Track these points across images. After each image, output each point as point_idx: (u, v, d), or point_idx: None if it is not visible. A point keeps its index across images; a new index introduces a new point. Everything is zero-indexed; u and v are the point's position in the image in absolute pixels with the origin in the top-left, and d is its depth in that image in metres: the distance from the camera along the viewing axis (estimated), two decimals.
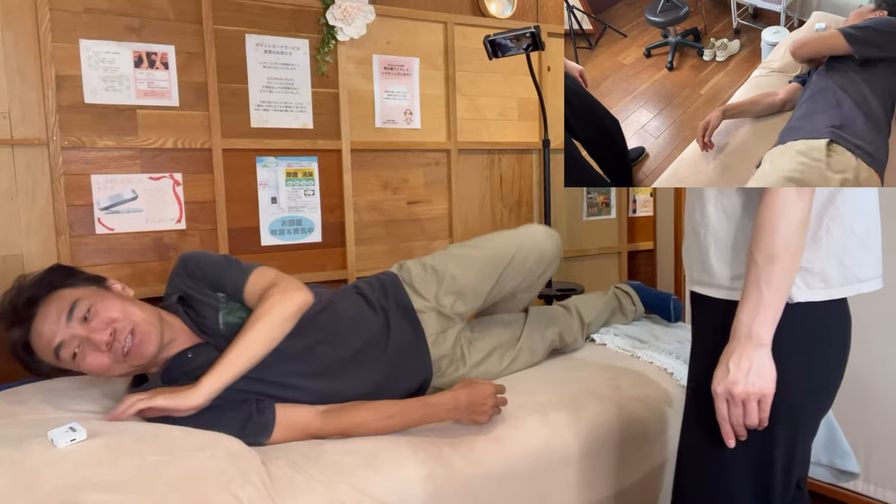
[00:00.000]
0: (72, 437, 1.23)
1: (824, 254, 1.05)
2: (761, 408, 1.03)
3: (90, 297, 1.38)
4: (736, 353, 1.02)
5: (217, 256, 1.61)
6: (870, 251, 1.09)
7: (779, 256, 0.99)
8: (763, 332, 1.01)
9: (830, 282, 1.05)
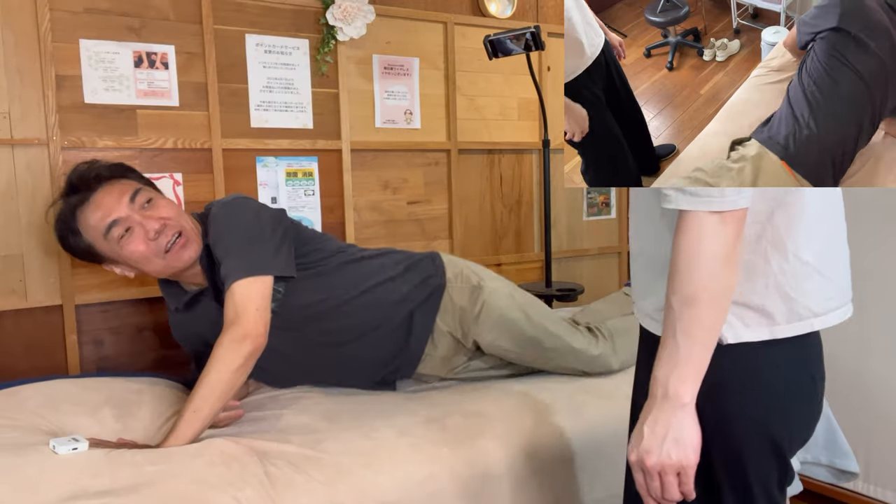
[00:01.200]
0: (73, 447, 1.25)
1: (762, 285, 0.87)
2: (682, 480, 0.86)
3: (153, 192, 1.56)
4: (651, 416, 0.86)
5: (244, 228, 1.54)
6: (827, 279, 0.90)
7: (696, 300, 0.80)
8: (682, 390, 0.83)
9: (775, 318, 0.87)
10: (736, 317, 0.87)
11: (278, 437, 1.45)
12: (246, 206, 1.58)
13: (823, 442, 1.89)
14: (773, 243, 0.87)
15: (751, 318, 0.87)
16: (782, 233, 0.87)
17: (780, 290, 0.87)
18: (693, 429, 0.85)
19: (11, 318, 1.90)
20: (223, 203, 1.59)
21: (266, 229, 1.55)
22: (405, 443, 1.43)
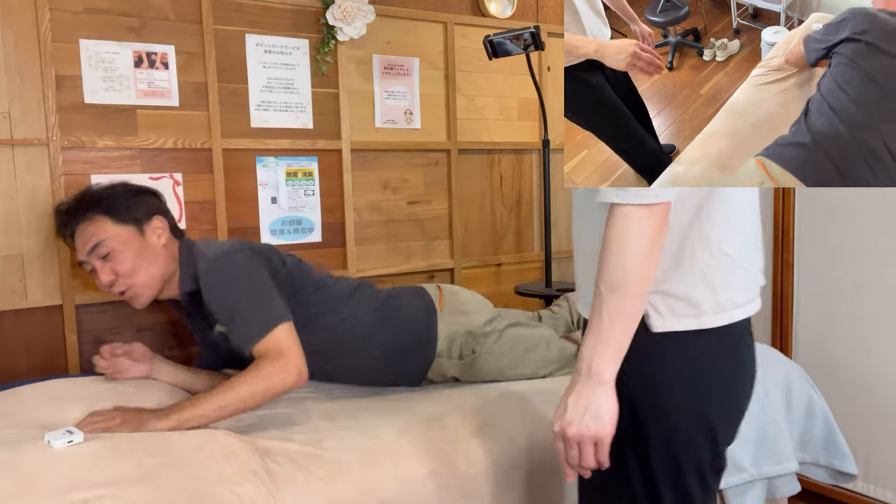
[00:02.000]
0: (68, 440, 1.24)
1: (690, 278, 0.93)
2: (598, 450, 0.92)
3: (115, 241, 1.59)
4: (575, 391, 0.92)
5: (243, 287, 1.51)
6: (748, 272, 0.97)
7: (619, 287, 0.87)
8: (603, 368, 0.89)
9: (702, 308, 0.93)
10: (665, 306, 0.93)
11: (279, 435, 1.45)
12: (235, 264, 1.55)
13: (822, 443, 1.89)
14: (700, 238, 0.93)
15: (679, 307, 0.93)
16: (708, 228, 0.93)
17: (706, 282, 0.93)
18: (610, 404, 0.91)
19: (11, 318, 1.90)
20: (213, 259, 1.56)
21: (264, 279, 1.55)
22: (405, 441, 1.43)
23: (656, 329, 0.93)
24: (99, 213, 1.60)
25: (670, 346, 0.94)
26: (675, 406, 0.95)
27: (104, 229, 1.59)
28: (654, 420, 0.95)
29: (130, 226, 1.61)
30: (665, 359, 0.94)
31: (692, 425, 0.95)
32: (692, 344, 0.94)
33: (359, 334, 1.72)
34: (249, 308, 1.49)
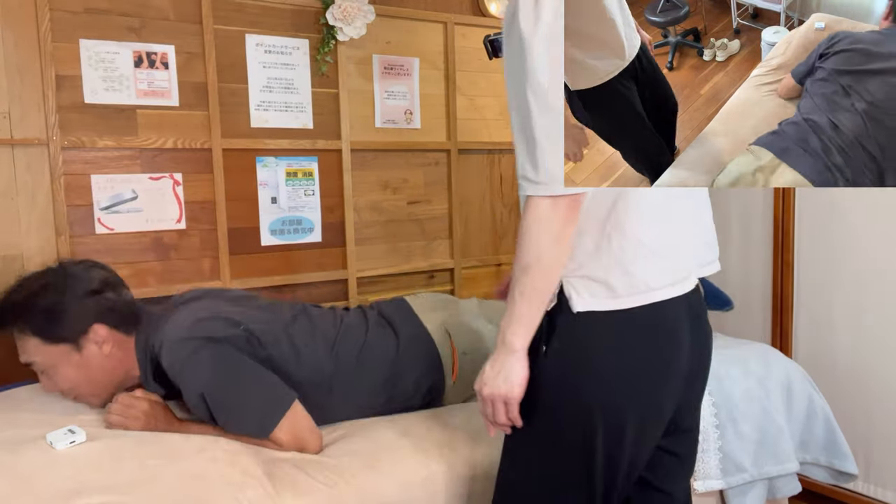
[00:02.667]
0: (71, 440, 1.23)
1: (606, 263, 1.02)
2: (508, 409, 1.05)
3: (49, 361, 1.38)
4: (493, 357, 1.04)
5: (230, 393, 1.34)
6: (663, 258, 1.04)
7: (530, 268, 0.98)
8: (514, 340, 1.01)
9: (616, 291, 1.01)
10: (585, 289, 1.02)
11: None
12: (198, 357, 1.36)
13: (823, 443, 1.89)
14: (616, 226, 1.02)
15: (598, 290, 1.02)
16: (623, 218, 1.02)
17: (620, 266, 1.01)
18: (520, 370, 1.02)
19: None
20: (180, 359, 1.36)
21: (247, 368, 1.38)
22: (407, 443, 1.43)
23: (577, 309, 1.02)
24: (27, 331, 1.37)
25: (590, 324, 1.02)
26: (590, 378, 1.04)
27: (34, 348, 1.38)
28: (570, 390, 1.05)
29: (63, 344, 1.38)
30: (585, 336, 1.03)
31: (603, 398, 1.04)
32: (609, 323, 1.02)
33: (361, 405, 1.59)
34: (242, 415, 1.33)
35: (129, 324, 1.44)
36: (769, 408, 1.81)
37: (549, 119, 0.93)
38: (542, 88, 0.92)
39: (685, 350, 1.08)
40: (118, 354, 1.42)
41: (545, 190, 0.95)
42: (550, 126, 0.93)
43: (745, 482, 1.78)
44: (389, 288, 2.49)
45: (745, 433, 1.78)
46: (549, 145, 0.93)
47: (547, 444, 1.07)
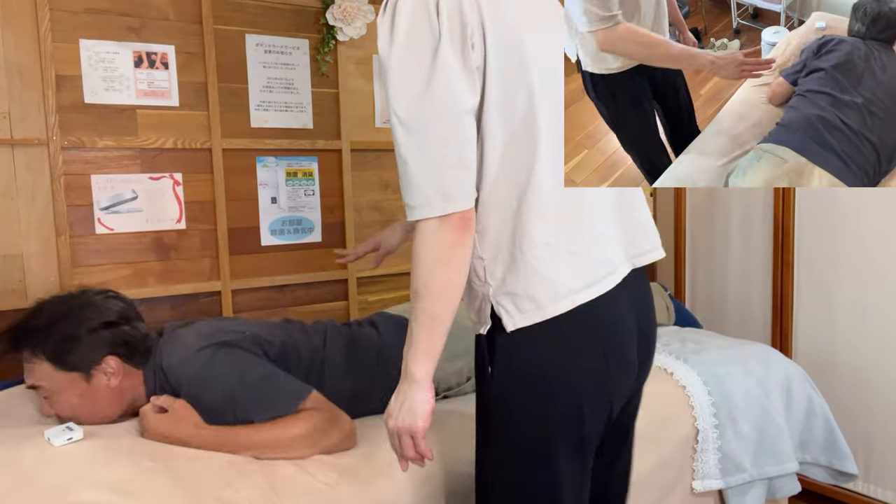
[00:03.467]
0: (68, 437, 1.24)
1: (524, 274, 0.98)
2: (416, 442, 1.01)
3: (55, 387, 1.38)
4: (398, 388, 1.01)
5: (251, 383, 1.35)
6: (580, 257, 1.00)
7: (420, 294, 0.94)
8: (415, 369, 0.97)
9: (540, 301, 0.97)
10: (513, 306, 0.98)
11: None
12: (215, 360, 1.38)
13: (822, 443, 1.89)
14: (523, 234, 0.97)
15: (524, 304, 0.98)
16: (528, 225, 0.97)
17: (538, 275, 0.97)
18: (423, 401, 0.98)
19: (11, 318, 1.89)
20: (196, 369, 1.37)
21: (263, 364, 1.40)
22: None
23: (509, 328, 0.98)
24: (40, 357, 1.38)
25: (526, 340, 0.99)
26: (540, 390, 1.00)
27: (44, 373, 1.38)
28: (523, 407, 1.02)
29: (74, 372, 1.37)
30: (525, 351, 0.99)
31: (557, 405, 1.01)
32: (543, 334, 0.98)
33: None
34: (267, 399, 1.34)
35: (140, 357, 1.44)
36: (769, 408, 1.81)
37: (415, 138, 0.91)
38: (403, 108, 0.91)
39: (632, 340, 1.07)
40: (126, 386, 1.42)
41: (423, 212, 0.92)
42: (418, 145, 0.91)
43: (744, 482, 1.78)
44: (389, 288, 2.49)
45: (745, 433, 1.78)
46: (418, 167, 0.91)
47: (512, 453, 1.05)
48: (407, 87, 0.91)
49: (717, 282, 2.59)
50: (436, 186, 0.91)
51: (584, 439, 1.05)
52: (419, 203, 0.92)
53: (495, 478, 1.08)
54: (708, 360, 1.86)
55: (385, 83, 0.93)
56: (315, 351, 1.57)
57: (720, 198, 2.54)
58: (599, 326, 1.02)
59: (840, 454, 1.88)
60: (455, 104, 0.92)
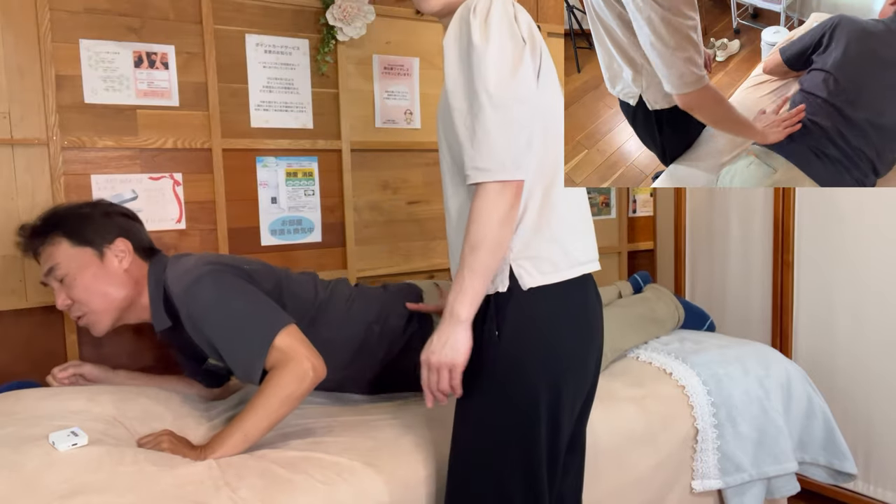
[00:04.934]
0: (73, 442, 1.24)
1: (547, 242, 1.16)
2: (452, 376, 1.14)
3: (72, 265, 1.52)
4: (440, 328, 1.13)
5: (228, 314, 1.42)
6: (585, 236, 1.23)
7: (479, 246, 1.09)
8: (461, 311, 1.11)
9: (558, 265, 1.16)
10: (532, 266, 1.15)
11: (277, 437, 1.45)
12: (210, 288, 1.45)
13: (822, 443, 1.89)
14: (552, 210, 1.16)
15: (543, 266, 1.15)
16: (556, 202, 1.17)
17: (559, 244, 1.16)
18: (465, 340, 1.12)
19: (11, 318, 1.91)
20: (185, 291, 1.46)
21: (245, 291, 1.47)
22: (406, 442, 1.43)
23: (528, 285, 1.14)
24: (58, 235, 1.53)
25: (537, 300, 1.15)
26: (538, 352, 1.15)
27: (61, 252, 1.52)
28: (519, 368, 1.15)
29: (88, 248, 1.53)
30: (534, 312, 1.15)
31: (548, 369, 1.16)
32: (553, 295, 1.16)
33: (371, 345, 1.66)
34: (238, 336, 1.40)
35: (147, 250, 1.62)
36: (768, 408, 1.81)
37: (501, 114, 1.07)
38: (494, 86, 1.07)
39: (600, 324, 1.26)
40: (134, 273, 1.56)
41: (493, 175, 1.07)
42: (503, 120, 1.07)
43: (743, 482, 1.78)
44: None
45: (744, 433, 1.78)
46: (499, 137, 1.07)
47: (497, 414, 1.17)
48: (500, 72, 1.07)
49: (717, 282, 2.59)
50: (511, 156, 1.07)
51: (562, 406, 1.19)
52: (491, 167, 1.07)
53: (480, 423, 1.20)
54: (707, 360, 1.86)
55: (473, 69, 1.09)
56: (315, 293, 1.67)
57: (720, 198, 2.54)
58: (588, 300, 1.22)
59: (840, 454, 1.88)
60: (531, 97, 1.11)
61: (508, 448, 1.17)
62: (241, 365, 1.40)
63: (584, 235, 1.23)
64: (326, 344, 1.52)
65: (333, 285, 1.74)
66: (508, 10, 1.13)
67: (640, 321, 2.05)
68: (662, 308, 2.14)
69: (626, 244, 3.09)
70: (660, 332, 2.09)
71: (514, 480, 1.17)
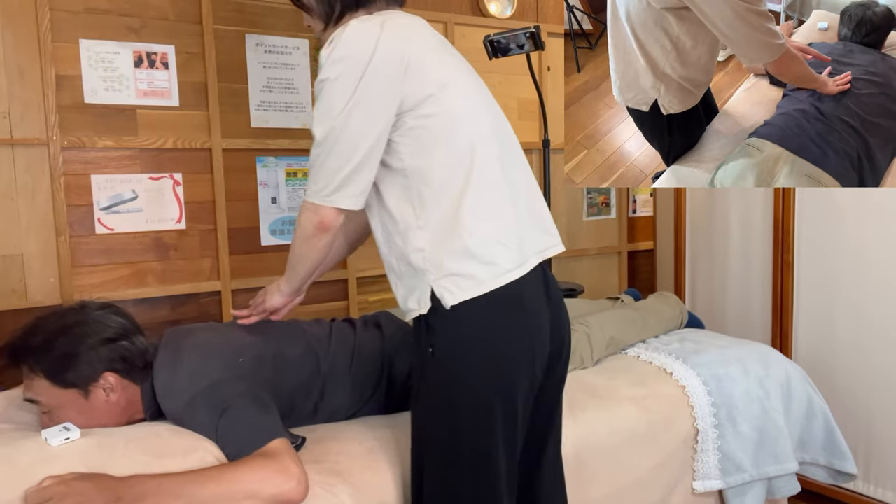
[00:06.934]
0: (65, 437, 1.24)
1: (463, 258, 1.13)
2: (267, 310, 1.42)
3: (53, 402, 1.36)
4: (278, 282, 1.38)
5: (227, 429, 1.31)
6: (505, 246, 1.17)
7: (291, 250, 1.25)
8: (282, 286, 1.37)
9: (479, 278, 1.13)
10: (452, 284, 1.13)
11: None
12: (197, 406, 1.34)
13: (822, 443, 1.89)
14: (464, 227, 1.14)
15: (464, 283, 1.13)
16: (468, 218, 1.14)
17: (475, 259, 1.14)
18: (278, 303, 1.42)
19: (11, 318, 1.91)
20: (182, 411, 1.36)
21: (246, 407, 1.34)
22: (405, 443, 1.43)
23: (450, 304, 1.12)
24: (38, 373, 1.35)
25: (463, 316, 1.13)
26: (476, 363, 1.15)
27: (42, 389, 1.36)
28: (462, 379, 1.15)
29: (72, 389, 1.36)
30: (462, 327, 1.14)
31: (492, 374, 1.15)
32: (479, 309, 1.13)
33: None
34: (233, 438, 1.29)
35: (139, 372, 1.43)
36: (768, 408, 1.81)
37: (329, 145, 1.13)
38: (329, 120, 1.13)
39: (546, 323, 1.21)
40: (124, 402, 1.41)
41: (309, 197, 1.16)
42: (330, 150, 1.13)
43: (744, 482, 1.78)
44: (389, 288, 2.48)
45: (745, 433, 1.78)
46: (323, 166, 1.14)
47: (442, 429, 1.18)
48: (332, 108, 1.16)
49: (717, 282, 2.59)
50: (331, 185, 1.15)
51: (516, 411, 1.18)
52: (310, 189, 1.17)
53: (436, 455, 1.19)
54: (708, 360, 1.85)
55: (317, 100, 1.17)
56: (315, 373, 1.53)
57: (720, 198, 2.54)
58: (523, 305, 1.17)
59: (840, 454, 1.88)
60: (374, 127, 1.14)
61: (461, 463, 1.17)
62: (231, 451, 1.29)
63: (511, 243, 1.17)
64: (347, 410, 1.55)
65: (333, 352, 1.58)
66: (361, 39, 1.15)
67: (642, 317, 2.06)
68: (667, 310, 2.15)
69: (626, 244, 3.09)
70: (661, 327, 2.09)
71: (470, 497, 1.17)
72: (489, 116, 1.22)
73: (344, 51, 1.16)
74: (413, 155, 1.15)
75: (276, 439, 1.27)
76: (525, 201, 1.24)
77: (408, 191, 1.16)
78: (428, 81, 1.14)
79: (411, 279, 1.17)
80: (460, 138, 1.16)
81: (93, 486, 1.14)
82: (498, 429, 1.16)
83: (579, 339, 1.89)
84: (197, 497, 1.17)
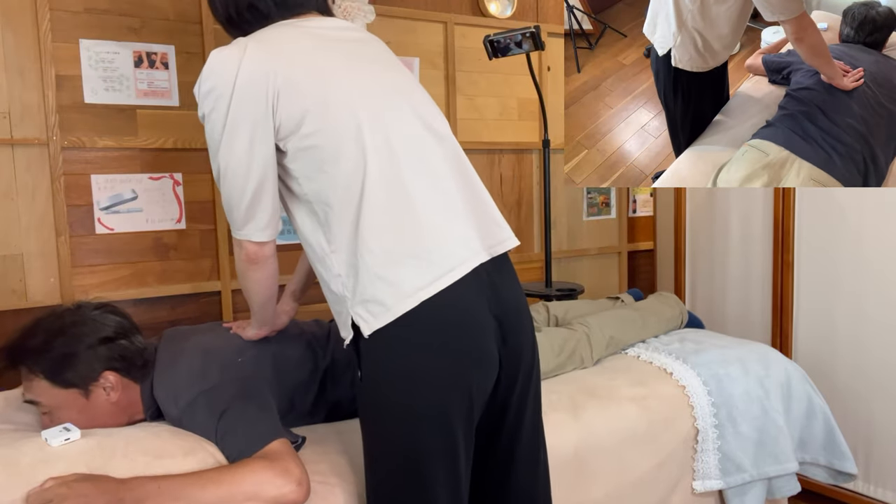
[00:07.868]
0: (66, 437, 1.24)
1: (370, 282, 1.08)
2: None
3: (53, 403, 1.36)
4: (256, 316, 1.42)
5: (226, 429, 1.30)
6: (422, 259, 1.09)
7: (244, 286, 1.28)
8: (253, 322, 1.44)
9: (387, 303, 1.07)
10: (366, 312, 1.08)
11: None
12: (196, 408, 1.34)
13: (822, 443, 1.89)
14: (364, 246, 1.08)
15: (374, 308, 1.08)
16: (367, 237, 1.08)
17: (382, 281, 1.07)
18: (252, 335, 1.47)
19: (11, 318, 1.90)
20: (182, 412, 1.36)
21: (247, 409, 1.33)
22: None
23: (366, 333, 1.08)
24: (38, 374, 1.35)
25: (382, 342, 1.08)
26: (403, 385, 1.09)
27: (42, 390, 1.36)
28: (390, 401, 1.11)
29: (72, 389, 1.36)
30: (384, 352, 1.09)
31: (419, 395, 1.09)
32: (397, 333, 1.08)
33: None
34: (233, 436, 1.28)
35: (138, 371, 1.43)
36: (768, 408, 1.81)
37: (223, 183, 1.12)
38: (214, 160, 1.12)
39: (486, 329, 1.12)
40: (124, 401, 1.41)
41: (232, 231, 1.17)
42: (226, 188, 1.13)
43: (744, 482, 1.78)
44: None
45: (745, 433, 1.78)
46: (226, 203, 1.14)
47: (384, 450, 1.15)
48: (213, 145, 1.13)
49: (717, 282, 2.59)
50: (238, 218, 1.16)
51: (451, 432, 1.11)
52: (231, 222, 1.18)
53: (378, 480, 1.16)
54: (708, 360, 1.86)
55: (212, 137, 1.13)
56: (314, 370, 1.54)
57: (720, 198, 2.54)
58: (447, 319, 1.09)
59: (840, 454, 1.88)
60: (249, 158, 1.12)
61: (401, 481, 1.13)
62: (231, 453, 1.28)
63: (424, 254, 1.09)
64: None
65: (332, 350, 1.58)
66: (221, 69, 1.08)
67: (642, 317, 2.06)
68: (667, 310, 2.15)
69: (626, 244, 3.09)
70: (661, 327, 2.09)
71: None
72: (392, 117, 1.14)
73: (208, 83, 1.09)
74: (309, 178, 1.11)
75: (277, 440, 1.26)
76: (460, 200, 1.15)
77: (315, 216, 1.12)
78: (301, 96, 1.08)
79: (337, 305, 1.14)
80: (348, 151, 1.09)
81: (94, 488, 1.14)
82: (432, 456, 1.10)
83: (579, 339, 1.89)
84: (197, 499, 1.16)
